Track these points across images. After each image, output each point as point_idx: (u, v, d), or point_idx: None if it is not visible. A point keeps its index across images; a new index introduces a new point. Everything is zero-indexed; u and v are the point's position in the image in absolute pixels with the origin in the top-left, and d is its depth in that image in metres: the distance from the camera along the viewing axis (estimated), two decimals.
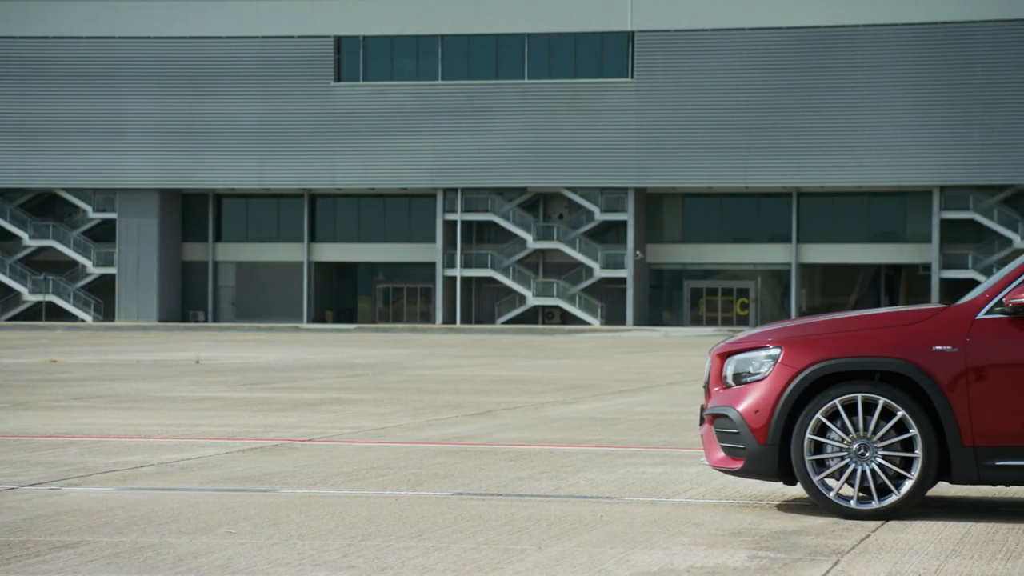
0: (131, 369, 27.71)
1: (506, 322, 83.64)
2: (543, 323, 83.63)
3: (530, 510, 8.93)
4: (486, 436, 14.07)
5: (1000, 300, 8.50)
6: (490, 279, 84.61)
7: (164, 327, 75.72)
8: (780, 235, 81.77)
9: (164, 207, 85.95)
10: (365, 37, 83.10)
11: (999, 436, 8.36)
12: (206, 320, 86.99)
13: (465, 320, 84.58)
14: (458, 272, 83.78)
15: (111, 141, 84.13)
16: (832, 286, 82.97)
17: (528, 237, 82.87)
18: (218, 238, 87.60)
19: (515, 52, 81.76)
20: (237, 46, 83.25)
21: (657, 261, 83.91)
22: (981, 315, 8.52)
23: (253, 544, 7.64)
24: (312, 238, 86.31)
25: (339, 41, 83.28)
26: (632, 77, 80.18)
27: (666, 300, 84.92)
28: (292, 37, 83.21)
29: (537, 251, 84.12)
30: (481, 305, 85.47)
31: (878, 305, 78.05)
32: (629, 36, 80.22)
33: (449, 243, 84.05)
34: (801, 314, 79.20)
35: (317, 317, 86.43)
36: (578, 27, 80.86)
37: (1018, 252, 75.17)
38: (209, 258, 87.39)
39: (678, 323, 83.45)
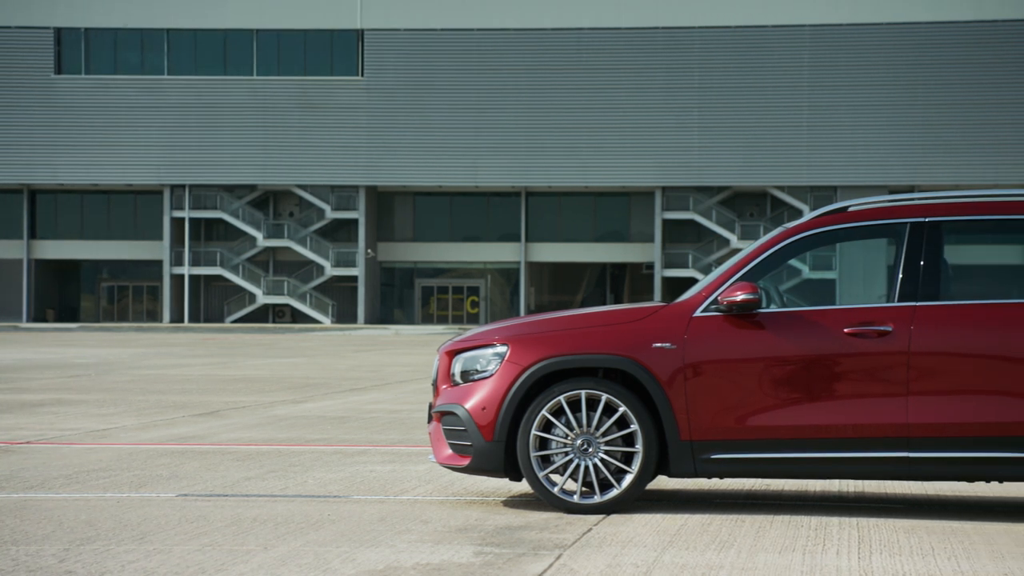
0: None
1: (236, 321, 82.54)
2: (273, 322, 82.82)
3: (256, 510, 8.84)
4: (213, 436, 13.87)
5: (716, 298, 8.78)
6: (219, 277, 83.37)
7: None
8: (509, 234, 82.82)
9: None
10: (87, 29, 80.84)
11: (714, 430, 8.65)
12: None
13: (193, 319, 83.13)
14: (186, 270, 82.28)
15: None
16: (560, 284, 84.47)
17: (258, 235, 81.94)
18: None
19: (244, 48, 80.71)
20: None
21: (388, 259, 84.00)
22: (698, 313, 8.79)
23: None
24: (32, 235, 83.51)
25: (59, 32, 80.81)
26: (362, 75, 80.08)
27: (397, 298, 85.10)
28: (10, 28, 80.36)
29: (267, 249, 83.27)
30: (210, 304, 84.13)
31: (604, 303, 79.77)
32: (359, 34, 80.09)
33: (177, 240, 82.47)
34: (530, 312, 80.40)
35: (37, 316, 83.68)
36: (308, 24, 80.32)
37: (735, 251, 77.84)
38: None
39: (409, 321, 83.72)
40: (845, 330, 8.60)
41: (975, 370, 8.47)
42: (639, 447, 8.68)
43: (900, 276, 8.69)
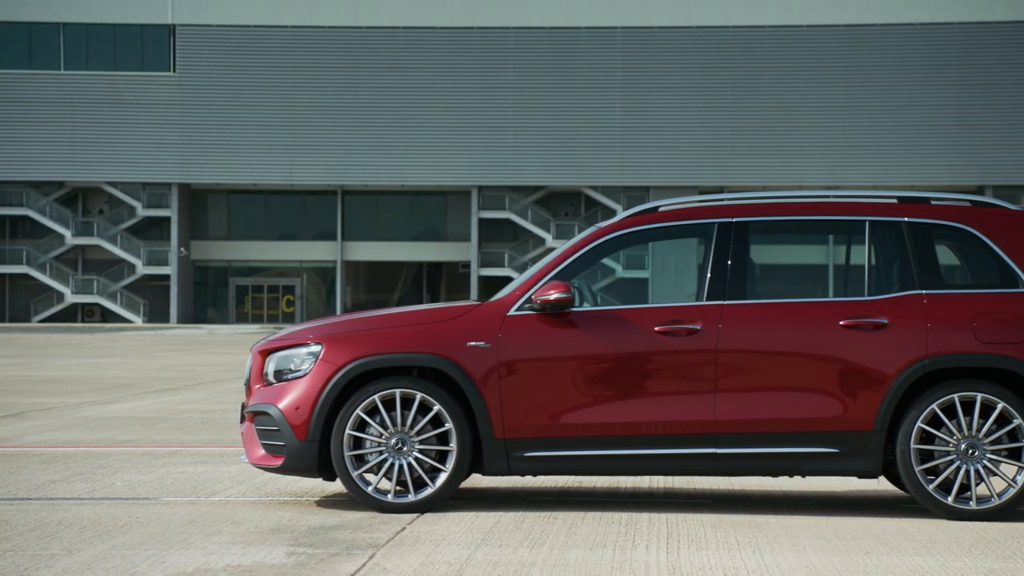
0: None
1: (43, 320, 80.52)
2: (83, 321, 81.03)
3: (62, 514, 8.65)
4: (17, 438, 13.51)
5: (529, 297, 8.85)
6: (25, 276, 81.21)
7: None
8: (325, 233, 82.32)
9: None
10: None
11: (527, 428, 8.71)
12: None
13: None
14: None
15: None
16: (376, 283, 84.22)
17: (66, 233, 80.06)
18: None
19: (50, 41, 78.79)
20: None
21: (202, 258, 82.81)
22: (512, 311, 8.85)
23: None
24: None
25: None
26: (174, 71, 78.80)
27: (211, 297, 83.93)
28: None
29: (76, 247, 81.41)
30: (15, 303, 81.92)
31: (420, 302, 79.71)
32: (170, 29, 78.80)
33: None
34: (346, 311, 80.00)
35: None
36: (117, 18, 78.73)
37: (550, 250, 78.42)
38: None
39: (224, 320, 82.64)
40: (656, 328, 8.74)
41: (779, 367, 8.68)
42: (453, 446, 8.71)
43: (709, 275, 8.86)
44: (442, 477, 8.72)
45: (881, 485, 10.22)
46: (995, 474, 8.64)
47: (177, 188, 79.88)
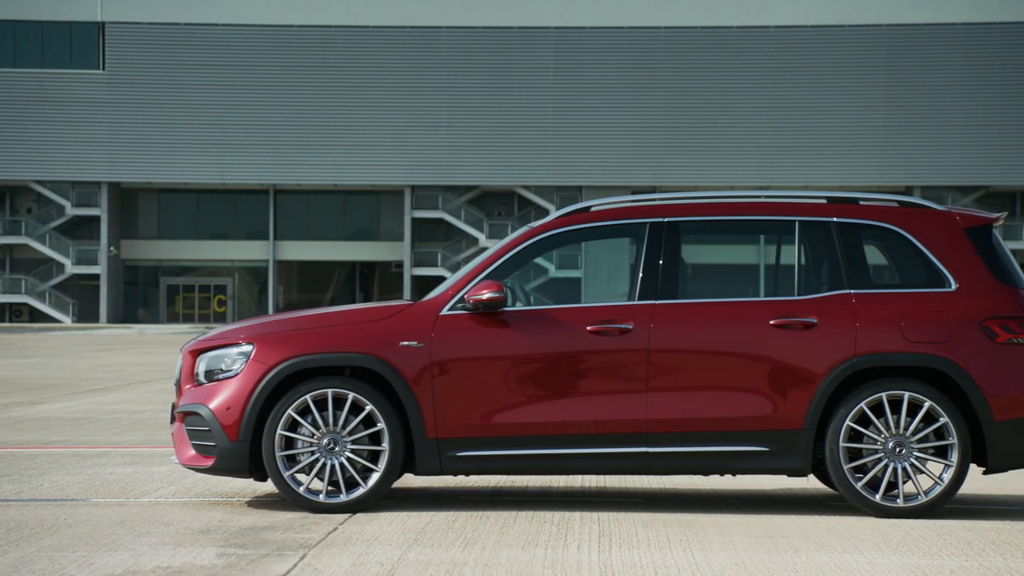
0: None
1: None
2: (10, 321, 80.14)
3: None
4: None
5: (462, 297, 8.85)
6: None
7: None
8: (258, 232, 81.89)
9: None
10: None
11: (460, 428, 8.72)
12: None
13: None
14: None
15: None
16: (309, 283, 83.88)
17: None
18: None
19: None
20: None
21: (132, 257, 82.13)
22: (445, 311, 8.85)
23: None
24: None
25: None
26: (104, 69, 78.10)
27: (142, 297, 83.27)
28: None
29: (4, 246, 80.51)
30: None
31: (353, 301, 79.42)
32: (100, 27, 78.09)
33: None
34: (278, 311, 79.59)
35: None
36: (45, 15, 77.92)
37: (483, 250, 78.31)
38: None
39: (155, 320, 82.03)
40: (588, 328, 8.76)
41: (710, 366, 8.72)
42: (385, 445, 8.70)
43: (640, 275, 8.89)
44: (374, 477, 8.71)
45: (810, 483, 10.31)
46: (922, 472, 8.73)
47: (107, 187, 79.19)
